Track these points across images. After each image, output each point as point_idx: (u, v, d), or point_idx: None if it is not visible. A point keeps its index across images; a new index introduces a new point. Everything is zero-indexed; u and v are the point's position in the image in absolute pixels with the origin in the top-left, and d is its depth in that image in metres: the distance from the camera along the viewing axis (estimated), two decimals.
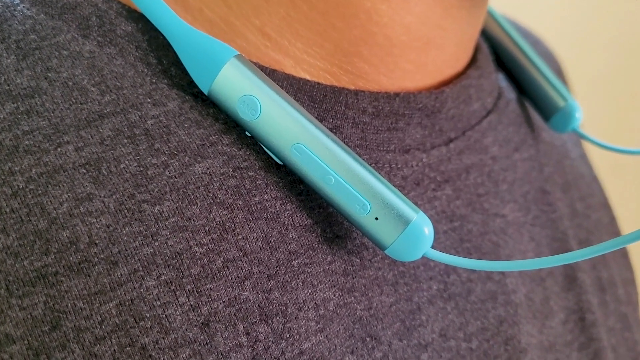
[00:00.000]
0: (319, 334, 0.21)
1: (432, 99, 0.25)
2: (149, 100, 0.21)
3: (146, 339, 0.19)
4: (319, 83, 0.23)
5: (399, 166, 0.25)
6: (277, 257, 0.21)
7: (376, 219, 0.21)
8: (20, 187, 0.19)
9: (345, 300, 0.22)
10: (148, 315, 0.19)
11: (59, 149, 0.20)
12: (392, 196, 0.21)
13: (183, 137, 0.21)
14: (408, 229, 0.21)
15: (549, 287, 0.30)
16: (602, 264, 0.34)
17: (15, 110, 0.20)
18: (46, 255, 0.18)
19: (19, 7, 0.22)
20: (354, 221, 0.21)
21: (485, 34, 0.34)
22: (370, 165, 0.24)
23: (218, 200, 0.21)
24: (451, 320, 0.25)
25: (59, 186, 0.19)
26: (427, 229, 0.21)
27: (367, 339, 0.22)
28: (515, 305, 0.27)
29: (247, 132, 0.22)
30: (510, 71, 0.34)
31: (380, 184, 0.21)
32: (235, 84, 0.21)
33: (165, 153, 0.21)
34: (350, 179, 0.21)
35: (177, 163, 0.21)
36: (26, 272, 0.18)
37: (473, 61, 0.30)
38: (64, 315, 0.18)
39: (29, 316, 0.18)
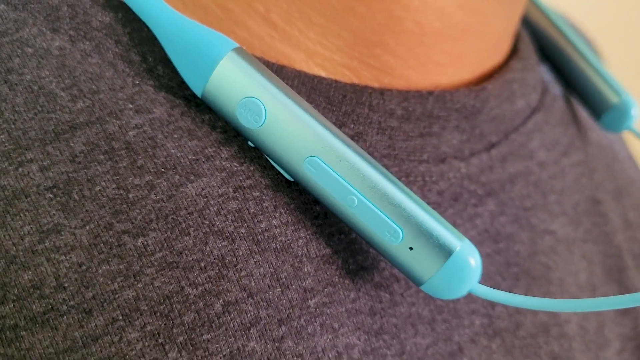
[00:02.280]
0: None
1: (471, 98, 0.21)
2: (130, 106, 0.18)
3: None
4: (336, 81, 0.19)
5: (434, 179, 0.21)
6: (290, 297, 0.17)
7: (410, 248, 0.17)
8: None
9: (373, 345, 0.18)
10: None
11: (20, 169, 0.16)
12: (430, 221, 0.17)
13: (172, 151, 0.17)
14: (450, 261, 0.17)
15: (603, 313, 0.26)
16: None
17: None
18: (3, 304, 0.15)
19: None
20: (382, 251, 0.17)
21: (525, 21, 0.30)
22: (400, 179, 0.20)
23: (216, 229, 0.17)
24: None
25: (20, 216, 0.16)
26: (474, 260, 0.17)
27: None
28: (569, 338, 0.23)
29: (250, 143, 0.18)
30: (555, 63, 0.29)
31: (416, 205, 0.17)
32: (234, 83, 0.17)
33: (150, 171, 0.17)
34: (377, 200, 0.17)
35: (165, 183, 0.17)
36: None
37: (514, 51, 0.25)
38: None
39: None
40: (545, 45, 0.29)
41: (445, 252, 0.17)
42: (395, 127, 0.20)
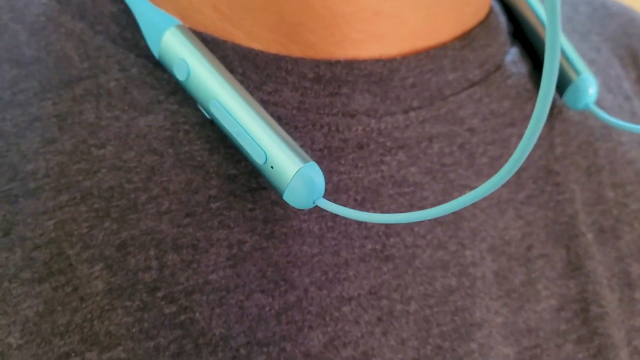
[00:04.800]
0: (228, 269, 0.24)
1: (379, 66, 0.26)
2: (117, 67, 0.26)
3: (71, 251, 0.23)
4: (263, 51, 0.26)
5: (340, 129, 0.26)
6: (197, 199, 0.24)
7: (272, 167, 0.23)
8: (7, 130, 0.25)
9: (262, 245, 0.24)
10: (76, 232, 0.23)
11: (41, 103, 0.25)
12: (283, 146, 0.23)
13: (136, 96, 0.26)
14: (296, 177, 0.22)
15: (538, 270, 0.29)
16: (634, 257, 0.31)
17: (17, 74, 0.26)
18: (13, 181, 0.24)
19: None
20: (258, 169, 0.23)
21: (507, 2, 0.33)
22: (306, 126, 0.26)
23: (152, 148, 0.25)
24: (386, 281, 0.25)
25: (35, 131, 0.25)
26: (317, 178, 0.22)
27: (281, 282, 0.24)
28: (474, 278, 0.27)
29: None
30: (528, 41, 0.32)
31: (275, 135, 0.23)
32: (173, 49, 0.25)
33: (118, 108, 0.25)
34: (251, 129, 0.23)
35: (126, 116, 0.25)
36: None
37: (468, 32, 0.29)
38: (15, 226, 0.23)
39: None
40: (522, 27, 0.32)
41: (292, 169, 0.22)
42: (307, 87, 0.26)
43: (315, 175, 0.23)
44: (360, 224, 0.26)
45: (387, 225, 0.26)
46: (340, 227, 0.25)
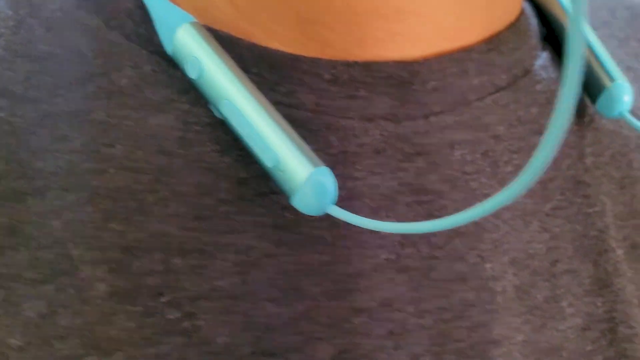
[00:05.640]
0: (235, 276, 0.23)
1: (399, 68, 0.25)
2: (130, 63, 0.26)
3: (75, 252, 0.23)
4: (278, 51, 0.25)
5: (356, 133, 0.25)
6: (207, 202, 0.24)
7: (282, 171, 0.22)
8: (18, 126, 0.24)
9: (272, 252, 0.24)
10: (81, 234, 0.23)
11: (53, 100, 0.25)
12: (294, 149, 0.22)
13: (148, 95, 0.25)
14: (306, 182, 0.21)
15: (564, 286, 0.27)
16: None
17: (31, 69, 0.26)
18: (21, 178, 0.24)
19: None
20: (269, 174, 0.23)
21: (538, 5, 0.32)
22: (322, 129, 0.25)
23: (162, 149, 0.24)
24: (400, 293, 0.24)
25: (45, 128, 0.24)
26: (327, 184, 0.21)
27: (291, 291, 0.23)
28: (494, 293, 0.25)
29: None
30: (561, 47, 0.31)
31: (287, 137, 0.22)
32: (185, 46, 0.24)
33: (129, 107, 0.25)
34: (262, 131, 0.22)
35: (136, 115, 0.25)
36: (4, 190, 0.23)
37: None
38: (21, 225, 0.23)
39: None
40: (554, 28, 0.31)
41: (303, 174, 0.21)
42: (323, 88, 0.25)
43: (327, 181, 0.22)
44: (374, 232, 0.25)
45: (403, 235, 0.25)
46: (353, 236, 0.24)
